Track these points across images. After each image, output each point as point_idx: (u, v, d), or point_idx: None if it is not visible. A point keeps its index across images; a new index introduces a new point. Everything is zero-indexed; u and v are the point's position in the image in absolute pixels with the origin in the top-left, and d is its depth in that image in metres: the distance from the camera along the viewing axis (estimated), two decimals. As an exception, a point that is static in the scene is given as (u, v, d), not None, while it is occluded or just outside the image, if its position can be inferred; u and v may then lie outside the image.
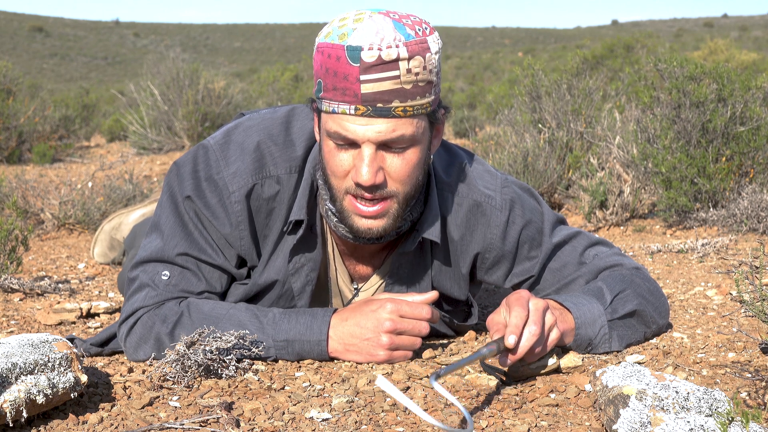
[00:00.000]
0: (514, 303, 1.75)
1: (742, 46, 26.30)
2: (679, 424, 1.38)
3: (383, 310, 1.83)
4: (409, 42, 1.68)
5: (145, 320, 1.88)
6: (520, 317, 1.72)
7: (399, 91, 1.69)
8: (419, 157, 1.79)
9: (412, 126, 1.73)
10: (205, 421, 1.55)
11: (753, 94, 3.87)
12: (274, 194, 1.90)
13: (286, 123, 1.95)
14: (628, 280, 1.96)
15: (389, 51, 1.67)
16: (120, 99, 12.42)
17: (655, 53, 10.36)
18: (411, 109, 1.72)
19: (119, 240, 3.22)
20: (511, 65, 25.52)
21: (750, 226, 3.54)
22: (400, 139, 1.73)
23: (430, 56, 1.71)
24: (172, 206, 1.94)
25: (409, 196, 1.81)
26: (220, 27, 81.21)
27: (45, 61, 54.83)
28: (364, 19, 1.70)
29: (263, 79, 11.69)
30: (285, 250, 1.92)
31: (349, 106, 1.70)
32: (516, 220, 1.99)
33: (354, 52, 1.67)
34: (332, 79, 1.71)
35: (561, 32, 74.47)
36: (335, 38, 1.70)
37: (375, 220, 1.81)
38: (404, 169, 1.77)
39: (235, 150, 1.91)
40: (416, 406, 1.39)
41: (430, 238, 1.91)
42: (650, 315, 1.98)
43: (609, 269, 2.02)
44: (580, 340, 1.87)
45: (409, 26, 1.70)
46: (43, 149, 7.65)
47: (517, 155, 4.53)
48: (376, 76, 1.68)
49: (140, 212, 3.24)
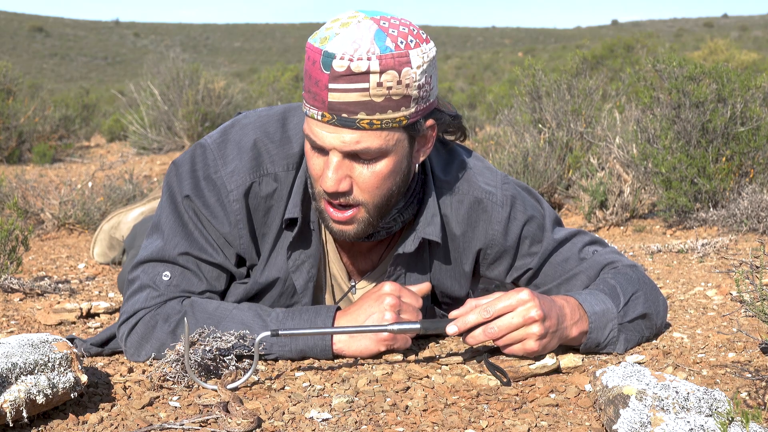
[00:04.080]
0: (493, 301, 1.80)
1: (742, 46, 26.29)
2: (679, 424, 1.38)
3: (384, 290, 1.86)
4: (384, 56, 1.66)
5: (147, 320, 1.88)
6: (479, 318, 1.79)
7: (366, 104, 1.68)
8: (391, 169, 1.77)
9: (379, 139, 1.72)
10: (205, 421, 1.55)
11: (753, 94, 3.87)
12: (271, 192, 1.90)
13: (282, 120, 1.96)
14: (636, 281, 1.98)
15: (359, 63, 1.65)
16: (120, 99, 12.41)
17: (655, 53, 10.35)
18: (378, 122, 1.71)
19: (119, 239, 3.22)
20: (511, 65, 25.51)
21: (750, 226, 3.54)
22: (366, 152, 1.73)
23: (408, 71, 1.68)
24: (172, 206, 1.94)
25: (380, 206, 1.81)
26: (220, 27, 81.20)
27: (45, 61, 54.84)
28: (352, 24, 1.69)
29: (263, 79, 11.68)
30: (284, 248, 1.93)
31: (317, 111, 1.71)
32: (517, 216, 2.00)
33: (327, 59, 1.67)
34: (308, 82, 1.72)
35: (561, 32, 74.46)
36: (318, 41, 1.70)
37: (345, 225, 1.83)
38: (372, 180, 1.77)
39: (232, 149, 1.91)
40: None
41: (430, 239, 1.91)
42: (655, 318, 2.00)
43: (609, 266, 2.03)
44: (590, 343, 1.89)
45: (392, 38, 1.68)
46: (43, 149, 7.65)
47: (517, 155, 4.53)
48: (343, 86, 1.67)
49: (139, 211, 3.23)
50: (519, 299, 1.79)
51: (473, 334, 1.80)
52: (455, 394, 1.70)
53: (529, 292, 1.80)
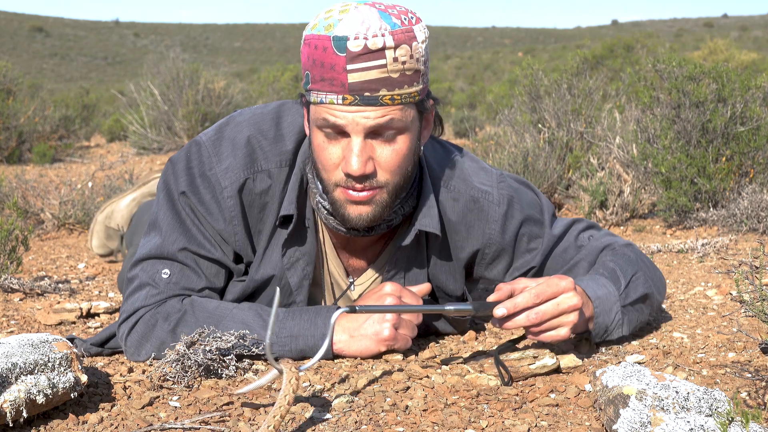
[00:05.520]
0: (536, 287, 1.79)
1: (742, 46, 26.29)
2: (679, 424, 1.38)
3: (384, 290, 1.86)
4: (395, 31, 1.69)
5: (147, 319, 1.88)
6: (526, 301, 1.77)
7: (386, 80, 1.70)
8: (409, 146, 1.80)
9: (401, 113, 1.74)
10: (205, 421, 1.55)
11: (753, 94, 3.87)
12: (266, 188, 1.91)
13: (276, 118, 1.96)
14: (635, 262, 2.01)
15: (375, 40, 1.67)
16: (120, 99, 12.41)
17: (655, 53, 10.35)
18: (399, 97, 1.73)
19: (114, 228, 3.21)
20: (511, 65, 25.52)
21: (750, 226, 3.54)
22: (390, 124, 1.74)
23: (416, 45, 1.72)
24: (169, 203, 1.94)
25: (398, 186, 1.83)
26: (220, 27, 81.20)
27: (45, 61, 54.83)
28: (350, 10, 1.71)
29: (263, 79, 11.69)
30: (279, 245, 1.93)
31: (337, 96, 1.71)
32: (515, 215, 2.01)
33: (340, 42, 1.68)
34: (320, 70, 1.72)
35: (561, 32, 74.46)
36: (321, 29, 1.71)
37: (365, 205, 1.82)
38: (394, 158, 1.78)
39: (227, 146, 1.92)
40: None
41: (429, 230, 1.92)
42: (655, 297, 2.04)
43: (607, 248, 2.06)
44: (598, 328, 1.91)
45: (395, 16, 1.71)
46: (43, 149, 7.66)
47: (517, 155, 4.53)
48: (362, 65, 1.68)
49: (131, 197, 3.23)
50: (562, 287, 1.80)
51: (516, 319, 1.80)
52: (455, 394, 1.70)
53: (571, 281, 1.82)
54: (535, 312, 1.78)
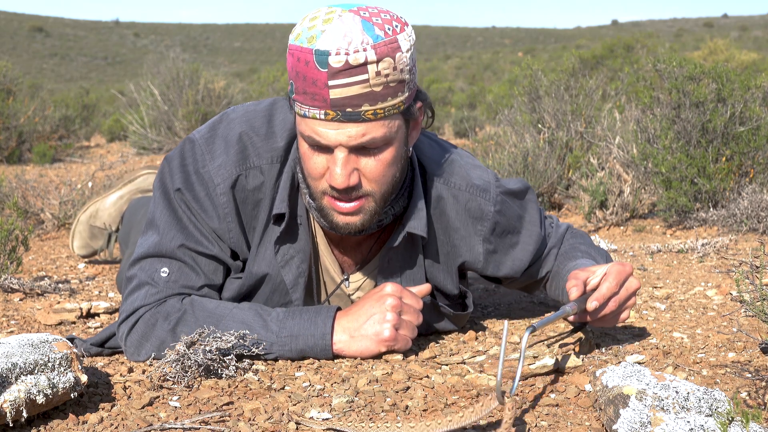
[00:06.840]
0: (612, 273, 1.86)
1: (742, 46, 26.29)
2: (679, 424, 1.38)
3: (385, 291, 1.87)
4: (378, 44, 1.67)
5: (147, 318, 1.88)
6: (610, 289, 1.83)
7: (368, 95, 1.69)
8: (394, 156, 1.80)
9: (383, 128, 1.74)
10: (205, 421, 1.55)
11: (753, 94, 3.87)
12: (258, 185, 1.91)
13: (268, 115, 1.96)
14: (587, 237, 2.22)
15: (356, 56, 1.65)
16: (120, 99, 12.42)
17: (654, 53, 10.35)
18: (381, 111, 1.72)
19: (100, 227, 3.16)
20: (511, 65, 25.51)
21: (750, 226, 3.54)
22: (372, 142, 1.74)
23: (400, 56, 1.70)
24: (165, 201, 1.95)
25: (386, 194, 1.83)
26: (220, 27, 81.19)
27: (45, 61, 54.83)
28: (333, 19, 1.69)
29: (263, 79, 11.68)
30: (271, 241, 1.93)
31: (319, 111, 1.71)
32: (507, 213, 2.04)
33: (322, 57, 1.66)
34: (302, 83, 1.71)
35: (561, 32, 74.46)
36: (304, 41, 1.69)
37: (352, 216, 1.83)
38: (379, 169, 1.78)
39: (219, 143, 1.93)
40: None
41: (415, 233, 1.92)
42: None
43: (567, 232, 2.20)
44: None
45: (378, 26, 1.68)
46: (43, 149, 7.65)
47: (517, 155, 4.53)
48: (344, 81, 1.67)
49: (117, 194, 3.16)
50: (627, 272, 1.88)
51: (604, 309, 1.86)
52: (455, 394, 1.70)
53: (630, 264, 1.89)
54: (615, 299, 1.86)
